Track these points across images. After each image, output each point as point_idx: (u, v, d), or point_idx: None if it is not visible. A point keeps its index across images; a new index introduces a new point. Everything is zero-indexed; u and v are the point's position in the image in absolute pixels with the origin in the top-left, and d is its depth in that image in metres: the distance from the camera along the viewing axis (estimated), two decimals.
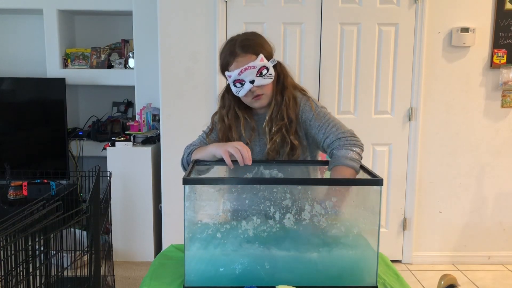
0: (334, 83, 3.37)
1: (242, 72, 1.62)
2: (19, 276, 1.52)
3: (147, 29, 3.69)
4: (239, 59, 1.63)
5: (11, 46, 4.15)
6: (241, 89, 1.66)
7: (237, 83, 1.65)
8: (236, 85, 1.66)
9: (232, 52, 1.65)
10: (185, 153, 1.75)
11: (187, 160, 1.73)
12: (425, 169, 3.47)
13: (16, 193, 3.50)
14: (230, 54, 1.66)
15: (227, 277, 1.37)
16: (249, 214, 1.38)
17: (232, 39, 1.71)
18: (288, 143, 1.69)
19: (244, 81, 1.64)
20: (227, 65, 1.67)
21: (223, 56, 1.69)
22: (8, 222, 1.55)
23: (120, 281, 3.15)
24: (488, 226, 3.56)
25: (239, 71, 1.62)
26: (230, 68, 1.66)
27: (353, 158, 1.59)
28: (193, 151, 1.72)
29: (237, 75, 1.63)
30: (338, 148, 1.62)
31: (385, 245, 3.38)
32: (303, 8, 3.29)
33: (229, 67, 1.66)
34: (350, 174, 1.57)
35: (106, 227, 2.82)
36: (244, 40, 1.67)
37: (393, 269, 1.60)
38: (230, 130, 1.73)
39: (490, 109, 3.44)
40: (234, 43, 1.67)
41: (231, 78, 1.65)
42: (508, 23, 3.34)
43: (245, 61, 1.63)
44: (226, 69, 1.67)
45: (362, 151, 1.63)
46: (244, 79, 1.63)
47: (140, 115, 3.60)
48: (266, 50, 1.68)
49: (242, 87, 1.65)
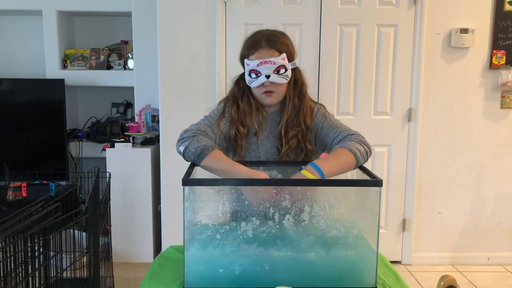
0: (333, 84, 3.37)
1: (261, 64, 1.64)
2: (18, 277, 1.51)
3: (147, 30, 3.69)
4: (262, 51, 1.66)
5: (11, 47, 4.14)
6: (255, 80, 1.67)
7: (253, 73, 1.67)
8: (251, 75, 1.67)
9: (257, 43, 1.67)
10: (195, 146, 1.58)
11: (196, 158, 1.57)
12: (424, 170, 3.47)
13: (15, 194, 3.50)
14: (254, 44, 1.68)
15: (227, 278, 1.37)
16: (249, 215, 1.38)
17: (260, 31, 1.73)
18: (303, 150, 1.72)
19: (260, 73, 1.65)
20: (248, 53, 1.69)
21: (247, 44, 1.71)
22: (7, 223, 1.54)
23: (120, 282, 3.14)
24: (487, 227, 3.56)
25: (258, 62, 1.64)
26: (250, 57, 1.68)
27: (360, 150, 1.58)
28: (205, 152, 1.56)
29: (256, 66, 1.65)
30: (347, 140, 1.63)
31: (385, 246, 3.37)
32: (303, 9, 3.29)
33: (250, 56, 1.68)
34: (348, 157, 1.56)
35: (106, 228, 2.82)
36: (272, 35, 1.70)
37: (393, 270, 1.60)
38: (244, 114, 1.72)
39: (489, 110, 3.44)
40: (261, 35, 1.69)
41: (249, 66, 1.67)
42: (507, 24, 3.34)
43: (267, 55, 1.65)
44: (247, 57, 1.69)
45: (370, 152, 1.63)
46: (261, 71, 1.65)
47: (139, 116, 3.60)
48: (290, 51, 1.70)
49: (257, 78, 1.67)
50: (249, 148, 1.75)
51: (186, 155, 1.61)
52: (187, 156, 1.61)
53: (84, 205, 1.92)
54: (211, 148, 1.58)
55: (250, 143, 1.75)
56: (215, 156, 1.57)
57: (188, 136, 1.62)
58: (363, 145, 1.61)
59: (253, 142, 1.75)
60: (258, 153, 1.75)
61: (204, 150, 1.57)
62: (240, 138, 1.71)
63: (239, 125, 1.71)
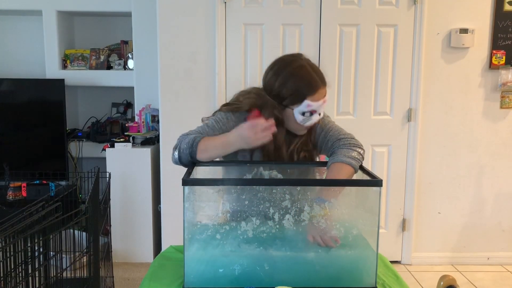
0: (333, 84, 3.36)
1: (323, 103, 1.61)
2: (18, 277, 1.51)
3: (147, 30, 3.69)
4: (320, 90, 1.61)
5: (11, 47, 4.14)
6: (309, 119, 1.62)
7: (308, 113, 1.61)
8: (305, 114, 1.61)
9: (316, 83, 1.61)
10: (186, 141, 1.58)
11: (191, 150, 1.57)
12: (424, 170, 3.47)
13: (15, 194, 3.50)
14: (314, 84, 1.60)
15: (227, 278, 1.37)
16: (249, 215, 1.38)
17: (303, 65, 1.62)
18: None
19: (316, 112, 1.62)
20: (308, 93, 1.59)
21: (304, 83, 1.60)
22: (7, 223, 1.54)
23: (120, 282, 3.14)
24: (487, 227, 3.56)
25: (321, 102, 1.61)
26: (311, 98, 1.59)
27: (353, 157, 1.59)
28: (197, 140, 1.57)
29: (318, 106, 1.61)
30: (338, 147, 1.64)
31: (385, 246, 3.37)
32: (302, 9, 3.29)
33: (309, 96, 1.59)
34: (347, 171, 1.57)
35: (106, 228, 2.82)
36: (319, 71, 1.64)
37: (393, 270, 1.60)
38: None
39: (489, 110, 3.44)
40: (310, 71, 1.61)
41: (310, 107, 1.59)
42: (507, 24, 3.34)
43: (323, 93, 1.63)
44: (305, 97, 1.59)
45: (363, 152, 1.65)
46: (318, 110, 1.62)
47: (139, 116, 3.60)
48: None
49: (311, 117, 1.62)
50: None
51: (182, 156, 1.58)
52: (183, 156, 1.58)
53: (84, 205, 1.92)
54: (199, 137, 1.58)
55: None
56: (206, 139, 1.58)
57: (178, 142, 1.62)
58: (354, 149, 1.62)
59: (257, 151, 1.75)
60: (261, 156, 1.75)
61: (194, 140, 1.57)
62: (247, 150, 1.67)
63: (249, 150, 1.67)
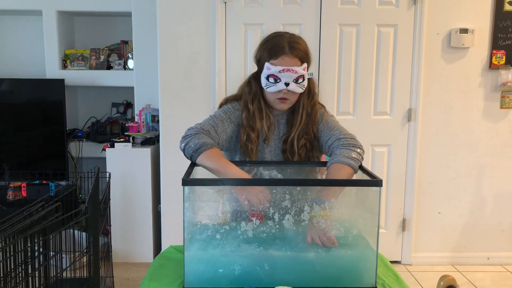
0: (333, 84, 3.37)
1: (283, 72, 1.63)
2: (18, 278, 1.51)
3: (147, 30, 3.69)
4: (286, 58, 1.64)
5: (10, 47, 4.14)
6: (272, 86, 1.66)
7: (271, 78, 1.65)
8: (269, 79, 1.65)
9: (281, 48, 1.65)
10: (195, 142, 1.58)
11: (193, 153, 1.58)
12: (424, 170, 3.47)
13: (15, 194, 3.50)
14: (277, 49, 1.65)
15: (227, 278, 1.37)
16: (249, 215, 1.38)
17: (282, 34, 1.70)
18: (309, 158, 1.75)
19: (280, 80, 1.64)
20: (269, 57, 1.65)
21: (269, 47, 1.67)
22: (7, 223, 1.54)
23: (119, 282, 3.14)
24: (487, 227, 3.56)
25: (281, 68, 1.63)
26: (271, 61, 1.65)
27: (352, 157, 1.60)
28: (203, 149, 1.57)
29: (277, 72, 1.63)
30: (338, 147, 1.65)
31: (384, 246, 3.37)
32: (302, 9, 3.29)
33: (271, 60, 1.65)
34: (347, 171, 1.57)
35: (105, 228, 2.82)
36: (295, 42, 1.68)
37: (393, 270, 1.60)
38: (254, 118, 1.71)
39: (489, 110, 3.44)
40: (284, 40, 1.66)
41: (269, 71, 1.64)
42: (507, 24, 3.34)
43: (290, 63, 1.64)
44: (267, 60, 1.66)
45: (363, 152, 1.65)
46: (281, 78, 1.64)
47: (139, 116, 3.60)
48: (309, 61, 1.71)
49: (275, 84, 1.65)
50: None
51: (186, 151, 1.62)
52: (186, 152, 1.61)
53: (84, 205, 1.92)
54: (210, 146, 1.58)
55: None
56: (211, 154, 1.57)
57: (191, 133, 1.63)
58: (354, 149, 1.63)
59: (260, 144, 1.76)
60: (263, 153, 1.76)
61: (202, 146, 1.57)
62: (251, 143, 1.71)
63: (250, 131, 1.71)
